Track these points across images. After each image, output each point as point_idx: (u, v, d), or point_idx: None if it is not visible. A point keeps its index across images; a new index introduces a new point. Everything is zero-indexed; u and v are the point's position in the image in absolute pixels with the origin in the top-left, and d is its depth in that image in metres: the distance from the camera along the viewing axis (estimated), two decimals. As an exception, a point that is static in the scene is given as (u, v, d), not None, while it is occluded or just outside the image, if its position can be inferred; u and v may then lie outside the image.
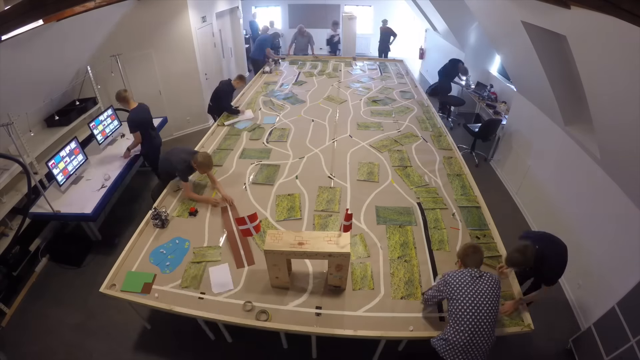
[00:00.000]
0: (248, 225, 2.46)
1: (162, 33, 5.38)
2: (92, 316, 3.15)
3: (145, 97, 5.56)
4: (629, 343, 2.18)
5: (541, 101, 3.90)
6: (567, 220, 3.49)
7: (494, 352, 2.82)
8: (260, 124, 4.76)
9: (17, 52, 2.86)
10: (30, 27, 2.69)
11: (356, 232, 2.91)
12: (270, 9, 11.06)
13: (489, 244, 2.84)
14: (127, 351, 2.89)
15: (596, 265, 3.00)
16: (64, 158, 3.66)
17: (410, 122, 4.81)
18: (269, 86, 6.12)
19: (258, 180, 3.57)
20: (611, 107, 2.35)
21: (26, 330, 3.06)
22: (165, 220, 2.99)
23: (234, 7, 8.21)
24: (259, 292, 2.48)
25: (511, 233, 3.06)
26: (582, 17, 2.11)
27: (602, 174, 2.97)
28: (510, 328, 2.24)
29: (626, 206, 2.67)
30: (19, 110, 3.45)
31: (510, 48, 3.97)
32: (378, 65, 7.37)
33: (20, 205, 3.48)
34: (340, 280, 2.42)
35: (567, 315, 3.18)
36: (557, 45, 2.91)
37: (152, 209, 3.00)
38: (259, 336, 2.58)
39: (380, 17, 9.64)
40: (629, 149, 2.38)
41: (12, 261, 3.35)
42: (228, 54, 8.10)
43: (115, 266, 2.63)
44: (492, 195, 4.05)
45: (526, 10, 2.82)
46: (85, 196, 3.56)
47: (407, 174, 3.65)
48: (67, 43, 3.65)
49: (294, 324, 2.26)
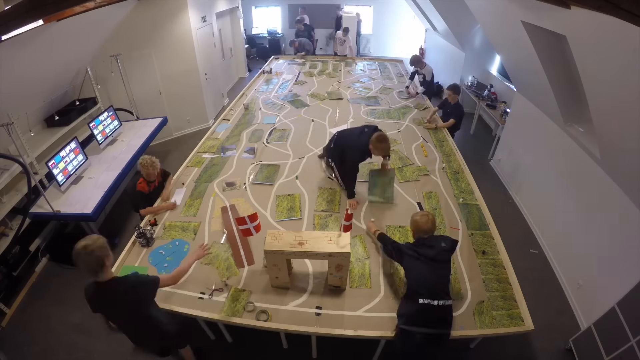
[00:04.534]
0: (248, 225, 2.45)
1: (162, 33, 5.39)
2: (92, 316, 3.10)
3: (145, 97, 5.61)
4: (629, 343, 2.18)
5: (541, 101, 3.90)
6: (567, 220, 3.49)
7: (494, 352, 2.84)
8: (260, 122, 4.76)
9: (17, 52, 2.86)
10: (30, 27, 2.69)
11: (356, 233, 2.91)
12: (270, 9, 11.07)
13: (489, 244, 2.85)
14: (127, 351, 2.89)
15: (596, 265, 3.00)
16: (64, 158, 3.66)
17: (410, 122, 4.81)
18: (269, 86, 6.12)
19: (258, 180, 3.57)
20: (611, 107, 2.35)
21: (26, 330, 3.06)
22: (151, 239, 2.83)
23: (234, 7, 8.22)
24: (259, 292, 2.48)
25: (511, 233, 3.06)
26: (582, 17, 2.11)
27: (602, 174, 2.97)
28: (510, 328, 2.24)
29: (626, 206, 2.67)
30: (19, 110, 3.46)
31: (511, 48, 3.97)
32: (378, 65, 7.37)
33: (20, 205, 3.48)
34: (340, 280, 2.42)
35: (567, 315, 3.18)
36: (557, 45, 2.91)
37: (136, 228, 2.83)
38: (259, 336, 2.58)
39: (380, 17, 9.59)
40: (629, 149, 2.38)
41: (12, 261, 3.35)
42: (228, 54, 8.10)
43: (115, 266, 2.63)
44: (492, 195, 4.06)
45: (526, 10, 2.82)
46: (85, 196, 3.56)
47: (406, 174, 3.66)
48: (67, 43, 3.64)
49: (294, 324, 2.26)
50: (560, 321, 3.10)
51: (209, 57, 6.55)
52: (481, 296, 2.42)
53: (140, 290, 1.94)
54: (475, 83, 6.60)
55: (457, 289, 2.47)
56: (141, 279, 1.98)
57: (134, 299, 1.91)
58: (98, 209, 3.43)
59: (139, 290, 1.93)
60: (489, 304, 2.37)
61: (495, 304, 2.37)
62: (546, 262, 3.70)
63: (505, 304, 2.38)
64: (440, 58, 8.33)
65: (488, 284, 2.51)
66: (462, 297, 2.42)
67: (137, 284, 1.93)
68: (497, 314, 2.31)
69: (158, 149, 5.79)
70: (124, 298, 1.87)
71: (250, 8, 10.90)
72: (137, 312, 1.98)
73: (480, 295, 2.43)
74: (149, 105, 5.65)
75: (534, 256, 3.78)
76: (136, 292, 1.91)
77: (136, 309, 1.96)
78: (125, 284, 1.89)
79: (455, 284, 2.51)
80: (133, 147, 4.44)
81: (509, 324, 2.26)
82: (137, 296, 1.92)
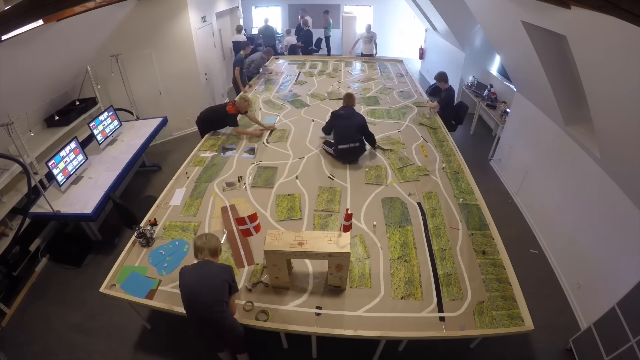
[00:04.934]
0: (248, 225, 2.46)
1: (162, 33, 5.38)
2: (92, 316, 3.15)
3: (145, 97, 5.61)
4: (629, 343, 2.18)
5: (541, 101, 3.90)
6: (567, 220, 3.48)
7: (494, 352, 2.83)
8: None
9: (17, 52, 2.86)
10: (30, 27, 2.70)
11: (356, 233, 2.91)
12: (270, 8, 11.07)
13: (489, 244, 2.85)
14: (127, 351, 2.89)
15: (596, 265, 2.99)
16: (64, 158, 3.66)
17: (410, 122, 4.81)
18: (269, 86, 6.12)
19: (257, 184, 3.56)
20: (611, 107, 2.35)
21: (26, 330, 3.06)
22: (151, 239, 2.86)
23: (234, 7, 8.22)
24: (259, 292, 2.48)
25: (511, 233, 3.06)
26: (582, 17, 2.11)
27: (602, 174, 2.97)
28: (510, 328, 2.24)
29: (626, 206, 2.67)
30: (19, 110, 3.46)
31: (511, 48, 3.96)
32: (378, 65, 7.37)
33: (20, 205, 3.48)
34: (340, 280, 2.42)
35: (567, 315, 3.18)
36: (557, 45, 2.91)
37: (136, 228, 2.85)
38: (259, 336, 2.58)
39: (380, 16, 9.57)
40: (629, 149, 2.38)
41: (12, 261, 3.35)
42: (228, 54, 8.10)
43: (115, 266, 2.63)
44: (492, 195, 4.06)
45: (526, 10, 2.82)
46: (85, 196, 3.56)
47: (406, 173, 3.66)
48: (67, 43, 3.65)
49: (294, 324, 2.26)
50: (560, 321, 3.10)
51: (209, 57, 6.55)
52: (481, 296, 2.43)
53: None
54: (475, 83, 6.60)
55: (457, 289, 2.48)
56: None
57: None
58: (98, 209, 3.43)
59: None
60: (489, 304, 2.37)
61: (495, 304, 2.37)
62: (546, 262, 3.70)
63: (505, 304, 2.38)
64: (440, 58, 8.32)
65: (488, 284, 2.51)
66: (462, 297, 2.43)
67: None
68: (497, 314, 2.31)
69: (158, 148, 5.79)
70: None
71: (250, 8, 10.90)
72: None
73: (481, 295, 2.43)
74: (149, 105, 5.65)
75: (534, 256, 3.78)
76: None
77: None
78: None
79: (455, 283, 2.51)
80: (133, 147, 4.44)
81: (509, 324, 2.26)
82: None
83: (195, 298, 1.95)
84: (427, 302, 2.40)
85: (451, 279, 2.55)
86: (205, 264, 2.03)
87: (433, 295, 2.44)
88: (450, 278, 2.55)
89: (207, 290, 1.94)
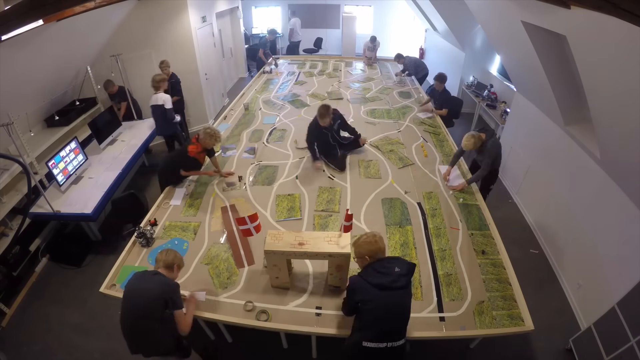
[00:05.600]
0: (248, 225, 2.46)
1: (162, 33, 5.38)
2: (92, 316, 3.15)
3: (145, 97, 5.58)
4: (629, 343, 2.18)
5: (541, 101, 3.90)
6: (567, 220, 3.48)
7: (494, 352, 2.83)
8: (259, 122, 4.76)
9: (17, 52, 2.86)
10: (30, 27, 2.69)
11: (356, 233, 2.90)
12: (270, 8, 11.06)
13: (489, 244, 2.85)
14: (127, 351, 2.88)
15: (596, 265, 2.99)
16: (64, 158, 3.66)
17: (410, 122, 4.81)
18: (269, 86, 6.12)
19: (257, 182, 3.56)
20: (611, 107, 2.35)
21: (26, 330, 3.06)
22: (151, 239, 2.85)
23: (234, 7, 8.21)
24: (259, 292, 2.48)
25: (511, 233, 3.06)
26: (582, 17, 2.11)
27: (602, 174, 2.97)
28: (510, 328, 2.24)
29: (626, 206, 2.67)
30: (19, 110, 3.46)
31: (510, 48, 3.96)
32: (378, 65, 7.37)
33: (20, 205, 3.48)
34: (340, 280, 2.42)
35: (567, 315, 3.18)
36: (557, 45, 2.91)
37: (136, 228, 2.85)
38: (259, 336, 2.58)
39: (380, 17, 9.56)
40: (629, 149, 2.38)
41: (12, 261, 3.35)
42: (228, 54, 8.10)
43: (115, 266, 2.63)
44: (492, 195, 4.05)
45: (526, 10, 2.82)
46: (85, 196, 3.56)
47: (406, 173, 3.66)
48: (67, 43, 3.65)
49: (294, 324, 2.26)
50: (560, 321, 3.10)
51: (209, 57, 6.54)
52: (481, 296, 2.43)
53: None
54: (475, 83, 6.59)
55: (457, 289, 2.48)
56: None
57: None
58: (98, 209, 3.43)
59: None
60: (489, 304, 2.37)
61: (495, 304, 2.37)
62: (546, 262, 3.70)
63: (505, 304, 2.38)
64: (440, 58, 8.32)
65: (488, 284, 2.51)
66: (462, 297, 2.42)
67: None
68: (497, 314, 2.31)
69: (158, 148, 5.79)
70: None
71: (250, 8, 10.89)
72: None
73: (480, 295, 2.43)
74: (149, 105, 5.64)
75: (534, 256, 3.78)
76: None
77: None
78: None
79: (455, 284, 2.51)
80: (133, 147, 4.44)
81: (509, 324, 2.25)
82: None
83: (131, 302, 2.04)
84: (427, 302, 2.40)
85: (451, 279, 2.55)
86: (151, 275, 2.08)
87: (433, 295, 2.44)
88: (450, 278, 2.55)
89: (143, 302, 2.00)
